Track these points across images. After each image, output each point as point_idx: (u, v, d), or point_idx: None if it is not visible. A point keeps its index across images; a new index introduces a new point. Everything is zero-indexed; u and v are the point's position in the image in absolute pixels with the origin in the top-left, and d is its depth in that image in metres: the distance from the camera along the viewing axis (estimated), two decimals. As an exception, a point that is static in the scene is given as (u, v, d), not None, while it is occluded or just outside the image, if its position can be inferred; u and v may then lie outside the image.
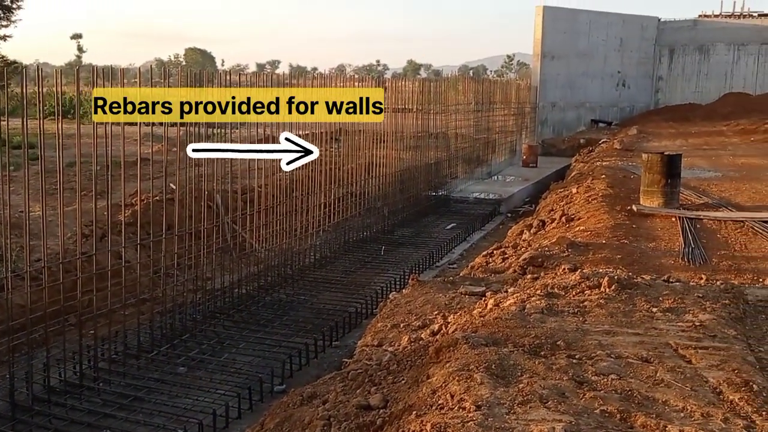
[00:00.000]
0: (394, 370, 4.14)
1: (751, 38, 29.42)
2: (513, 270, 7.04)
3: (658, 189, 9.67)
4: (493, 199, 15.82)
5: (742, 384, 3.44)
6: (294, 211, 9.18)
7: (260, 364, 6.43)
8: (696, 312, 4.61)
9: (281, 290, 8.58)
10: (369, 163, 11.94)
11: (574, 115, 28.51)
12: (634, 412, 3.09)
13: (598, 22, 28.51)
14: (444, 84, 17.81)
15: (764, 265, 6.69)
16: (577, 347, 3.95)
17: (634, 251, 7.24)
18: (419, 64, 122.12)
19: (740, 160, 16.09)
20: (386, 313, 5.89)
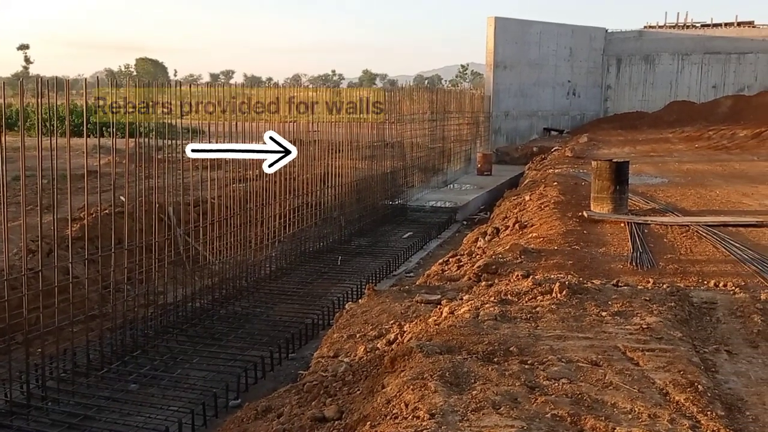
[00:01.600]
0: (349, 380, 4.13)
1: (694, 48, 30.48)
2: (468, 277, 7.10)
3: (607, 195, 9.90)
4: (449, 207, 15.97)
5: (687, 385, 3.54)
6: (249, 222, 9.09)
7: (215, 379, 6.33)
8: (643, 315, 4.73)
9: (236, 303, 8.47)
10: (325, 173, 11.92)
11: (526, 123, 29.03)
12: (584, 416, 3.15)
13: (548, 33, 29.15)
14: (399, 93, 17.92)
15: (708, 267, 6.91)
16: (530, 353, 4.01)
17: (585, 257, 7.39)
18: (375, 74, 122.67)
19: (685, 167, 16.62)
20: (342, 323, 5.88)
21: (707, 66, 30.30)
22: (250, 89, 10.88)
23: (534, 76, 28.75)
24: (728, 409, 3.37)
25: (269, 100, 10.80)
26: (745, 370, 3.97)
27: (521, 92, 28.34)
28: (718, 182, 13.61)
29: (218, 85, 9.97)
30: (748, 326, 4.71)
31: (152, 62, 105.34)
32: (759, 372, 3.94)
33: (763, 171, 15.64)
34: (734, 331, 4.66)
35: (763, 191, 12.30)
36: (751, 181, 13.80)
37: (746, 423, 3.27)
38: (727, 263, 7.09)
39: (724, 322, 4.83)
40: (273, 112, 10.67)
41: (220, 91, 9.20)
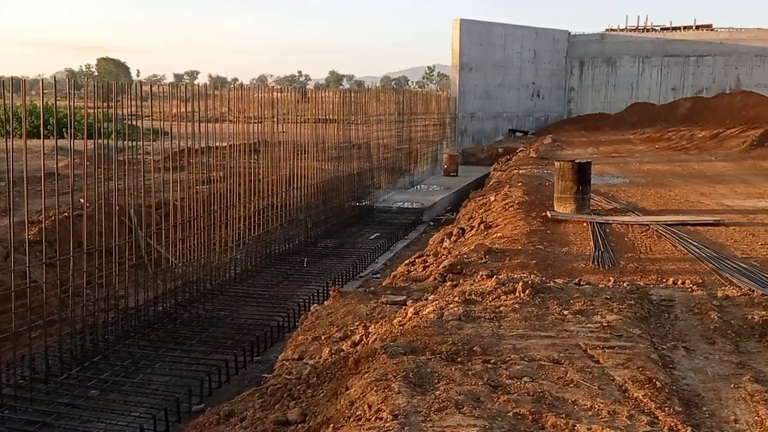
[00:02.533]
0: (313, 383, 4.10)
1: (654, 51, 31.14)
2: (433, 278, 7.13)
3: (570, 195, 10.05)
4: (415, 208, 16.03)
5: (646, 381, 3.60)
6: (213, 224, 8.99)
7: (178, 384, 6.23)
8: (604, 313, 4.80)
9: (201, 306, 8.36)
10: (291, 175, 11.85)
11: (492, 124, 29.31)
12: (545, 413, 3.18)
13: (512, 35, 29.48)
14: (366, 95, 17.93)
15: (667, 266, 7.05)
16: (493, 352, 4.04)
17: (548, 256, 7.48)
18: (341, 75, 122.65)
19: (646, 167, 16.97)
20: (308, 325, 5.85)
21: (667, 68, 30.99)
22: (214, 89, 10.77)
23: (499, 78, 29.05)
24: (685, 405, 3.44)
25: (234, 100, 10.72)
26: (702, 366, 4.06)
27: (487, 94, 28.61)
28: (678, 182, 13.92)
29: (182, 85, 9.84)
30: (705, 323, 4.81)
31: (114, 62, 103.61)
32: (715, 368, 4.03)
33: (721, 171, 16.05)
34: (692, 327, 4.76)
35: (720, 191, 12.62)
36: (709, 180, 14.15)
37: (703, 418, 3.34)
38: (686, 261, 7.25)
39: (682, 319, 4.93)
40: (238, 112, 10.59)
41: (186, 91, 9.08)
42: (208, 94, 10.00)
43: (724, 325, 4.73)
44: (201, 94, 9.64)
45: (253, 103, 11.07)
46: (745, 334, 4.62)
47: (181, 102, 9.03)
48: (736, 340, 4.51)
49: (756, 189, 12.79)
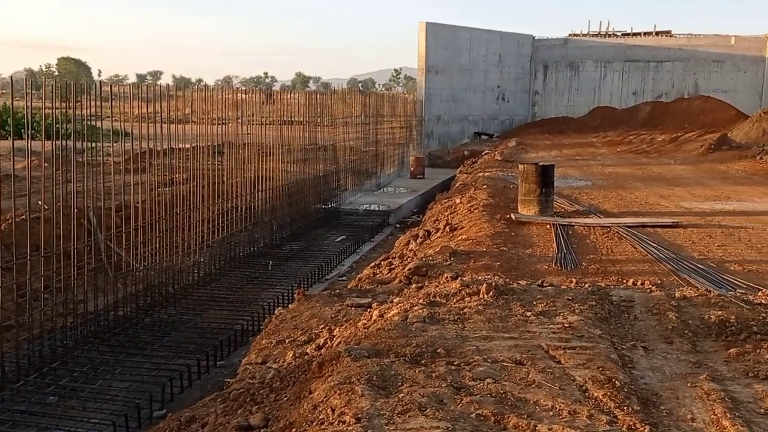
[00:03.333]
0: (277, 387, 4.07)
1: (616, 56, 31.77)
2: (399, 280, 7.14)
3: (534, 198, 10.18)
4: (382, 210, 16.04)
5: (605, 381, 3.65)
6: (175, 227, 8.86)
7: (138, 390, 6.13)
8: (566, 314, 4.87)
9: (163, 310, 8.24)
10: (255, 177, 11.75)
11: (458, 127, 29.53)
12: (508, 414, 3.21)
13: (478, 39, 29.75)
14: (332, 96, 17.90)
15: (628, 267, 7.19)
16: (456, 354, 4.06)
17: (512, 258, 7.56)
18: (308, 77, 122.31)
19: (608, 170, 17.28)
20: (272, 329, 5.80)
21: (628, 73, 31.64)
22: (177, 90, 10.62)
23: (465, 81, 29.29)
24: (644, 404, 3.50)
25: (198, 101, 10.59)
26: (660, 365, 4.14)
27: (453, 97, 28.81)
28: (638, 185, 14.21)
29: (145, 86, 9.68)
30: (663, 323, 4.91)
31: (75, 62, 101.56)
32: (673, 367, 4.11)
33: (679, 174, 16.43)
34: (650, 327, 4.85)
35: (679, 193, 12.92)
36: (668, 183, 14.48)
37: (661, 417, 3.40)
38: (645, 262, 7.39)
39: (641, 320, 5.02)
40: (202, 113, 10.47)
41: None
42: (171, 95, 9.85)
43: (681, 325, 4.83)
44: (164, 95, 9.50)
45: (218, 105, 10.96)
46: (701, 333, 4.72)
47: (144, 103, 8.89)
48: (693, 339, 4.61)
49: (713, 191, 13.12)
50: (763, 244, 8.28)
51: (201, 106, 10.80)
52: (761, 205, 11.42)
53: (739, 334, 4.66)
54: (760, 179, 15.26)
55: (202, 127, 10.39)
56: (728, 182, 14.66)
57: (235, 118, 11.48)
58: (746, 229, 9.18)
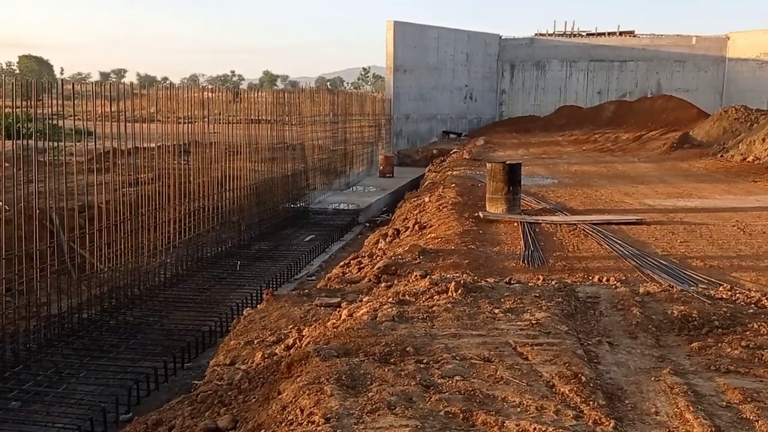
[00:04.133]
0: (245, 388, 4.04)
1: (581, 56, 32.22)
2: (368, 279, 7.14)
3: (501, 196, 10.27)
4: (351, 209, 16.01)
5: (572, 376, 3.71)
6: (141, 227, 8.72)
7: (104, 393, 6.02)
8: (533, 311, 4.93)
9: (128, 312, 8.11)
10: (223, 176, 11.64)
11: (426, 126, 29.63)
12: (476, 411, 3.23)
13: (445, 38, 29.89)
14: (300, 95, 17.81)
15: (593, 264, 7.30)
16: (425, 352, 4.07)
17: (480, 256, 7.62)
18: (276, 75, 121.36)
19: (574, 168, 17.52)
20: (240, 329, 5.76)
21: (593, 73, 32.13)
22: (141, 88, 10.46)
23: (433, 80, 29.41)
24: (609, 398, 3.56)
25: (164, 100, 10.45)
26: (624, 360, 4.22)
27: (421, 96, 28.91)
28: (603, 183, 14.44)
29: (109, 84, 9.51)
30: (628, 318, 5.00)
31: (37, 60, 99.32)
32: (637, 361, 4.19)
33: (643, 172, 16.75)
34: (615, 323, 4.94)
35: (643, 191, 13.16)
36: (632, 181, 14.74)
37: (625, 411, 3.47)
38: (610, 259, 7.52)
39: (607, 315, 5.11)
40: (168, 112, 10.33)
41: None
42: (136, 93, 9.70)
43: (645, 321, 4.92)
44: (128, 93, 9.34)
45: (184, 103, 10.82)
46: (665, 328, 4.82)
47: (107, 101, 8.74)
48: (657, 334, 4.70)
49: (676, 189, 13.40)
50: (724, 240, 8.48)
51: (166, 104, 10.66)
52: (722, 202, 11.70)
53: (701, 329, 4.77)
54: (721, 177, 15.64)
55: (167, 126, 10.25)
56: (690, 180, 14.99)
57: (202, 116, 11.35)
58: (707, 226, 9.39)
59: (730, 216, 10.15)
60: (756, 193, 12.84)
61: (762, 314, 5.10)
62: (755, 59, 29.48)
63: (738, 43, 30.77)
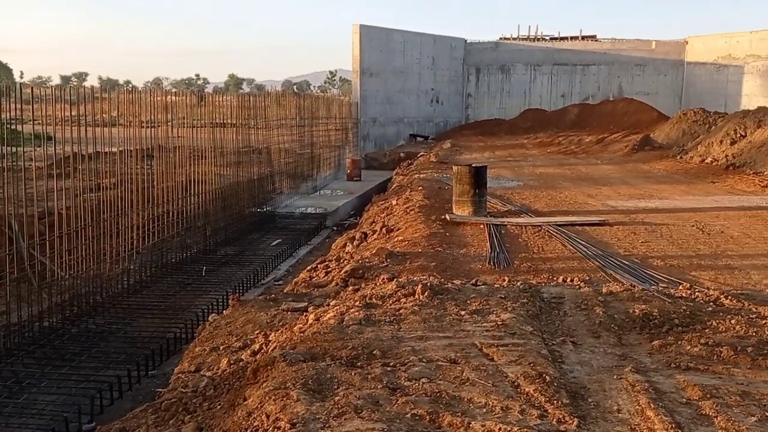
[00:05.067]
0: (210, 395, 3.99)
1: (544, 59, 32.67)
2: (335, 283, 7.13)
3: (468, 198, 10.35)
4: (319, 213, 15.97)
5: (536, 376, 3.75)
6: (103, 234, 8.57)
7: (66, 403, 5.90)
8: (499, 312, 4.97)
9: (91, 320, 7.96)
10: (187, 181, 11.50)
11: (393, 129, 29.69)
12: (442, 413, 3.25)
13: (411, 42, 30.01)
14: (266, 99, 17.70)
15: (558, 264, 7.40)
16: (392, 355, 4.08)
17: (447, 258, 7.66)
18: (241, 79, 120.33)
19: (539, 170, 17.75)
20: (205, 336, 5.69)
21: (556, 76, 32.59)
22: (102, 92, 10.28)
23: (399, 84, 29.49)
24: (572, 397, 3.61)
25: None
26: (588, 359, 4.28)
27: (388, 99, 28.96)
28: (567, 184, 14.65)
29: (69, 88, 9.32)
30: (591, 318, 5.08)
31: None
32: (600, 360, 4.26)
33: (606, 174, 17.04)
34: (579, 323, 5.01)
35: (606, 192, 13.39)
36: (595, 183, 14.99)
37: (588, 409, 3.52)
38: (574, 260, 7.63)
39: (571, 315, 5.18)
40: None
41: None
42: (97, 96, 9.53)
43: (608, 320, 5.01)
44: (90, 97, 9.18)
45: (147, 107, 10.67)
46: (627, 327, 4.91)
47: (68, 105, 8.57)
48: (619, 333, 4.79)
49: (637, 190, 13.66)
50: (683, 240, 8.68)
51: (129, 108, 10.49)
52: (681, 203, 11.97)
53: (661, 327, 4.87)
54: (680, 178, 16.00)
55: (130, 130, 10.09)
56: (651, 181, 15.30)
57: (166, 120, 11.21)
58: (667, 226, 9.60)
59: (690, 216, 10.40)
60: (714, 194, 13.18)
61: (720, 312, 5.23)
62: (713, 63, 30.24)
63: (696, 47, 31.54)
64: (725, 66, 29.54)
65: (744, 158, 17.14)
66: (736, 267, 7.27)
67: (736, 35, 29.47)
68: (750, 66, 28.44)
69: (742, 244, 8.44)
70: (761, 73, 27.95)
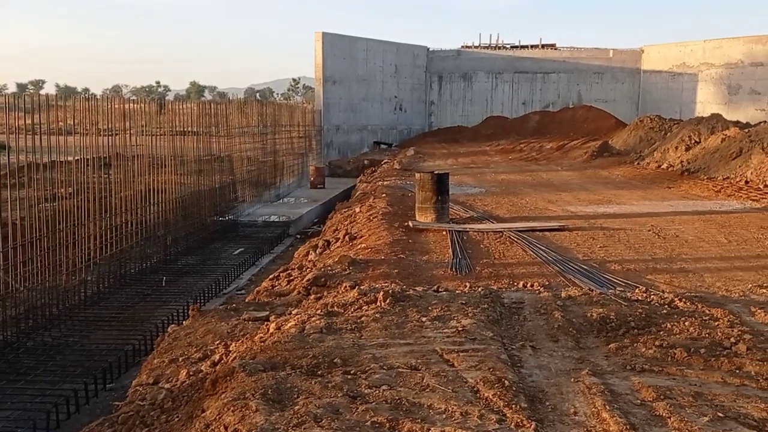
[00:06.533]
0: (168, 407, 3.94)
1: (505, 68, 33.12)
2: (298, 291, 7.09)
3: (430, 205, 10.41)
4: (282, 221, 15.86)
5: (496, 381, 3.80)
6: (59, 244, 8.37)
7: (21, 418, 5.73)
8: (460, 318, 5.02)
9: (46, 333, 7.76)
10: (147, 190, 11.32)
11: (357, 137, 29.73)
12: (402, 420, 3.26)
13: (374, 50, 30.13)
14: (228, 106, 17.55)
15: (518, 270, 7.49)
16: (353, 363, 4.08)
17: (409, 265, 7.69)
18: (203, 86, 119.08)
19: (500, 177, 17.96)
20: (164, 347, 5.61)
21: (517, 84, 33.07)
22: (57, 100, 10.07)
23: (363, 92, 29.56)
24: (531, 401, 3.66)
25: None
26: (546, 363, 4.35)
27: (351, 107, 29.00)
28: (528, 191, 14.86)
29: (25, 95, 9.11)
30: (550, 322, 5.16)
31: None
32: (558, 364, 4.33)
33: (566, 180, 17.33)
34: (538, 327, 5.08)
35: (566, 198, 13.62)
36: (556, 189, 15.23)
37: (546, 413, 3.57)
38: (534, 265, 7.73)
39: (530, 320, 5.26)
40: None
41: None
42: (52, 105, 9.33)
43: (566, 324, 5.09)
44: (46, 105, 8.99)
45: (105, 115, 10.48)
46: (584, 330, 5.00)
47: (24, 113, 8.37)
48: (577, 337, 4.87)
49: (596, 196, 13.92)
50: (640, 244, 8.88)
51: (87, 116, 10.29)
52: (638, 208, 12.24)
53: (618, 330, 4.97)
54: (638, 183, 16.36)
55: (87, 138, 9.90)
56: (609, 187, 15.61)
57: (125, 128, 11.02)
58: (625, 231, 9.81)
59: (646, 221, 10.64)
60: (670, 199, 13.51)
61: (675, 314, 5.36)
62: (668, 71, 31.04)
63: (651, 55, 32.34)
64: (680, 74, 30.36)
65: (698, 164, 17.62)
66: (690, 270, 7.46)
67: (690, 44, 30.32)
68: (704, 74, 29.28)
69: (696, 248, 8.66)
70: (714, 81, 28.80)
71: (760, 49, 27.15)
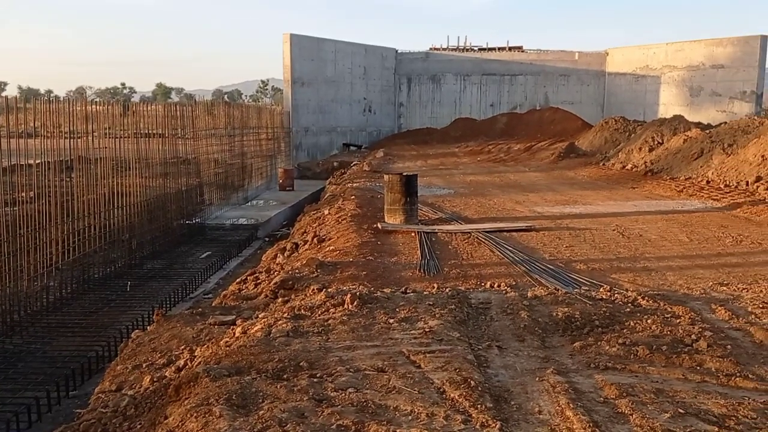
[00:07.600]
0: (131, 414, 3.87)
1: (473, 70, 33.38)
2: (265, 295, 7.03)
3: (399, 207, 10.43)
4: (250, 224, 15.72)
5: (462, 381, 3.81)
6: (20, 249, 8.18)
7: (-22, 429, 5.58)
8: (427, 319, 5.03)
9: (7, 340, 7.57)
10: (111, 193, 11.12)
11: (326, 139, 29.66)
12: (368, 422, 3.26)
13: (343, 51, 30.10)
14: (195, 108, 17.34)
15: (486, 270, 7.54)
16: (319, 366, 4.06)
17: (378, 267, 7.69)
18: (170, 88, 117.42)
19: (469, 178, 18.07)
20: (128, 353, 5.51)
21: (485, 86, 33.36)
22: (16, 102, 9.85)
23: (331, 93, 29.51)
24: (496, 401, 3.68)
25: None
26: (512, 362, 4.38)
27: (320, 108, 28.92)
28: (496, 192, 14.98)
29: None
30: (517, 322, 5.20)
31: None
32: (524, 363, 4.37)
33: (533, 181, 17.51)
34: (505, 327, 5.12)
35: (533, 199, 13.76)
36: (523, 190, 15.38)
37: (511, 412, 3.60)
38: (502, 265, 7.79)
39: (497, 320, 5.29)
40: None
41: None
42: (11, 107, 9.12)
43: (532, 323, 5.14)
44: (5, 108, 8.78)
45: (68, 117, 10.28)
46: (550, 330, 5.05)
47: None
48: (543, 336, 4.92)
49: (563, 196, 14.10)
50: (605, 244, 9.01)
51: (49, 118, 10.07)
52: (603, 208, 12.42)
53: (583, 329, 5.03)
54: (603, 184, 16.61)
55: (50, 141, 9.69)
56: (575, 187, 15.83)
57: (88, 131, 10.82)
58: (590, 230, 9.94)
59: (611, 221, 10.80)
60: (634, 199, 13.74)
61: (638, 312, 5.45)
62: (632, 73, 31.60)
63: (616, 58, 32.89)
64: (643, 76, 30.93)
65: (661, 164, 17.96)
66: (653, 269, 7.60)
67: (653, 47, 30.92)
68: (666, 76, 29.88)
69: (659, 247, 8.82)
70: (677, 83, 29.41)
71: (721, 51, 27.82)
